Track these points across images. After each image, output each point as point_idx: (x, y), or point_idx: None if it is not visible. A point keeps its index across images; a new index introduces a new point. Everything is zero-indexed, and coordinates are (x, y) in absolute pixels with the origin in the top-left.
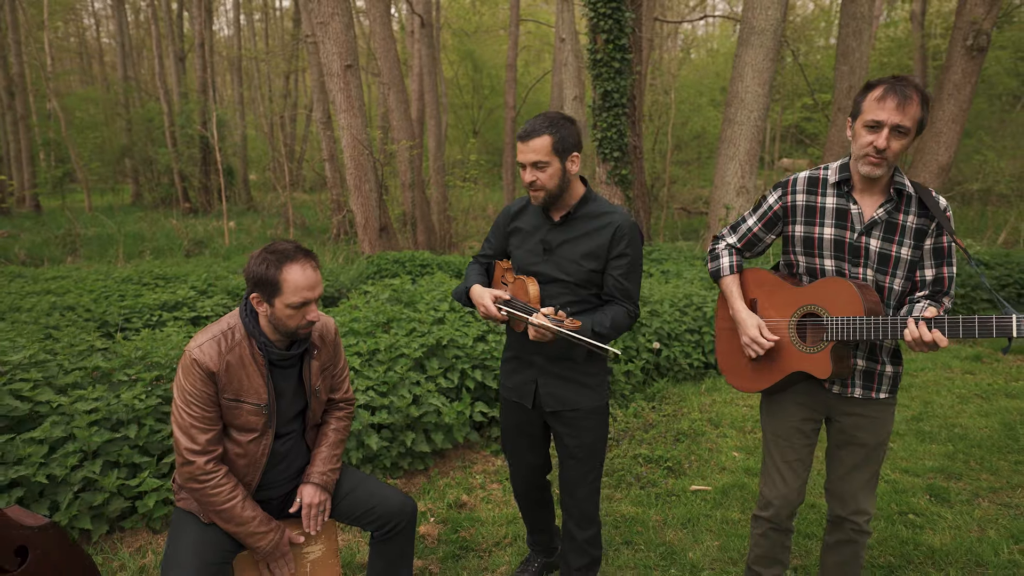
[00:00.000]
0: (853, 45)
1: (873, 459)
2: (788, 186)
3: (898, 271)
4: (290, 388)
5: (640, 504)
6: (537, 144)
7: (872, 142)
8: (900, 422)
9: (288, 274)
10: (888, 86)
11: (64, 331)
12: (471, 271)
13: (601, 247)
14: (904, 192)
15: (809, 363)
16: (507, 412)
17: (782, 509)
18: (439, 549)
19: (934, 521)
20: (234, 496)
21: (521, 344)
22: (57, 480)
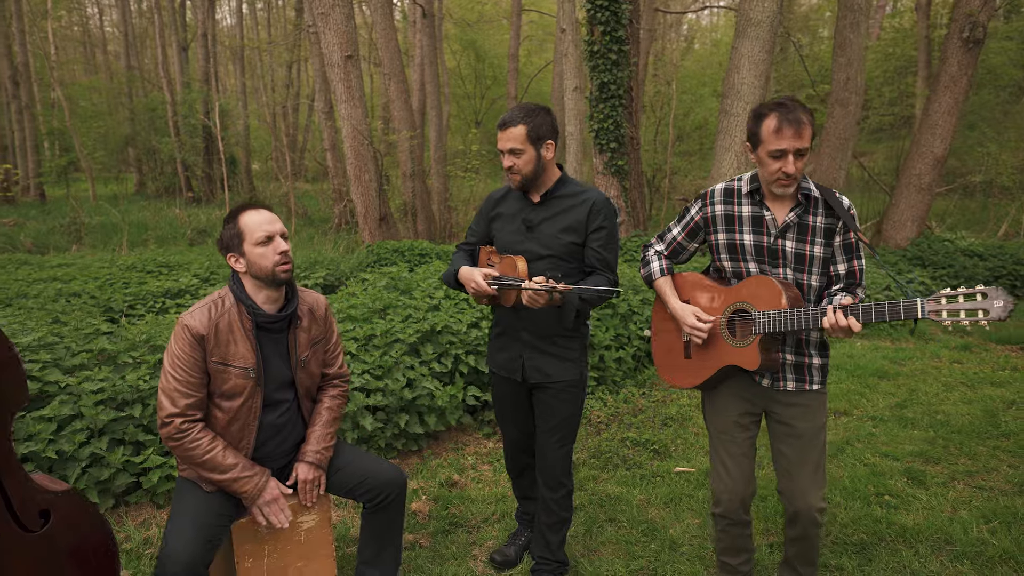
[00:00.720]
0: (851, 37)
1: (813, 448)
2: (707, 198)
3: (814, 268)
4: (278, 355)
5: (625, 484)
6: (513, 133)
7: (780, 168)
8: (884, 408)
9: (244, 219)
10: (780, 116)
11: (71, 315)
12: (457, 257)
13: (579, 222)
14: (811, 196)
15: (739, 356)
16: (498, 385)
17: (732, 503)
18: (430, 525)
19: (909, 502)
20: (213, 447)
21: (509, 321)
22: (65, 456)
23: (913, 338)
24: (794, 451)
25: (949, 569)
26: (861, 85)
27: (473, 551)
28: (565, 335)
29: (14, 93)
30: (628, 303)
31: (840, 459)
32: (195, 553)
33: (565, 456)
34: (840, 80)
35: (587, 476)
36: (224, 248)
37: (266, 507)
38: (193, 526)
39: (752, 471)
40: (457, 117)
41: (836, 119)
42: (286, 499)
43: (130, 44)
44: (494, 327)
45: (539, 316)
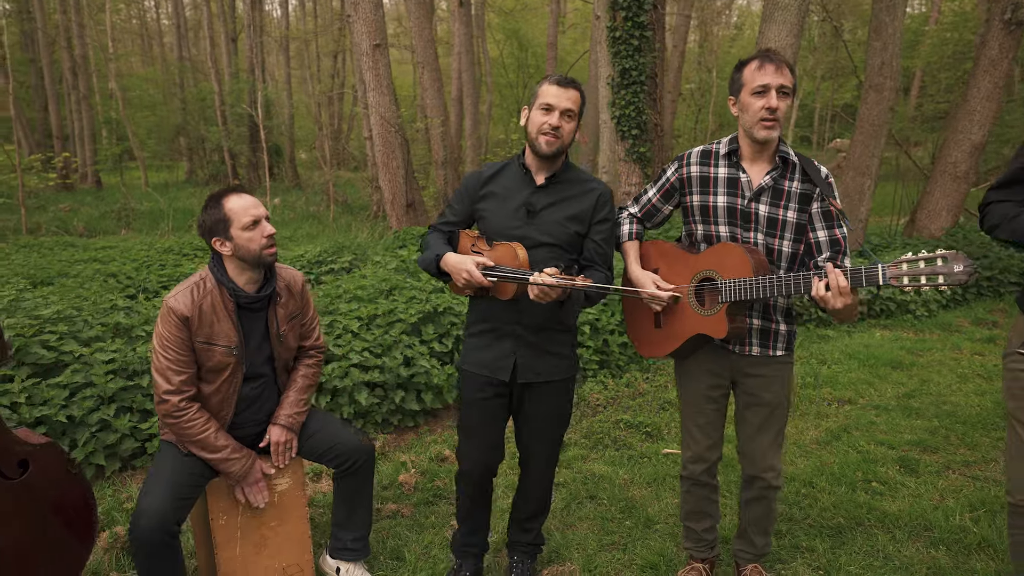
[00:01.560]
0: (886, 20)
1: (776, 418)
2: (684, 159)
3: (786, 233)
4: (258, 332)
5: (612, 464)
6: (574, 94)
7: (764, 104)
8: (892, 398)
9: (229, 204)
10: (762, 57)
11: (91, 291)
12: (434, 240)
13: (586, 211)
14: (789, 160)
15: (706, 325)
16: (473, 389)
17: (697, 465)
18: (414, 496)
19: (896, 489)
20: (207, 428)
21: (500, 315)
22: (76, 421)
23: (938, 329)
24: (758, 418)
25: (923, 554)
26: (897, 70)
27: (451, 521)
28: (560, 329)
29: (73, 84)
30: None
31: (834, 446)
32: (165, 509)
33: (552, 463)
34: (875, 65)
35: (575, 456)
36: (208, 233)
37: (248, 487)
38: (166, 484)
39: (720, 439)
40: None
41: (870, 105)
42: (261, 460)
43: (182, 35)
44: (476, 323)
45: (539, 310)
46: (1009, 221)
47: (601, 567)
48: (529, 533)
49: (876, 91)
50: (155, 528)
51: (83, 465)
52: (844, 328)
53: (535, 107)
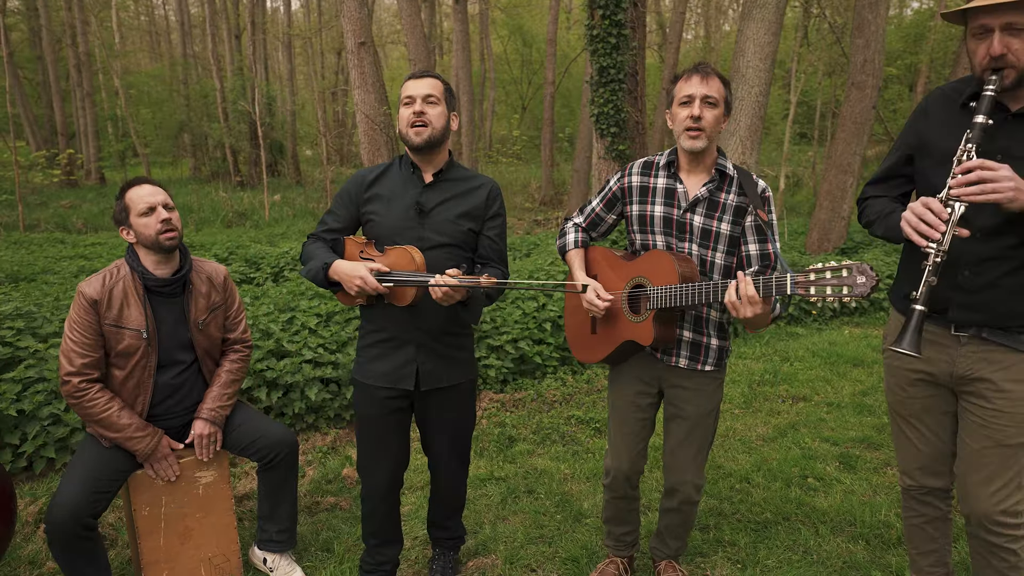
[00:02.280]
0: (869, 18)
1: (698, 432)
2: (626, 170)
3: (719, 245)
4: (171, 318)
5: (556, 459)
6: (431, 81)
7: (688, 114)
8: (847, 395)
9: (129, 193)
10: (691, 69)
11: (54, 288)
12: (317, 249)
13: (477, 207)
14: (726, 174)
15: (635, 331)
16: (373, 403)
17: (617, 478)
18: (355, 489)
19: (830, 486)
20: (109, 407)
21: (397, 322)
22: (27, 414)
23: None
24: (681, 431)
25: (842, 549)
26: (879, 67)
27: None
28: (460, 333)
29: (78, 81)
30: None
31: (778, 443)
32: (80, 502)
33: (464, 464)
34: (857, 62)
35: (521, 451)
36: (116, 223)
37: (156, 463)
38: (82, 478)
39: (643, 451)
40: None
41: (852, 103)
42: (177, 456)
43: (186, 33)
44: (371, 332)
45: (439, 314)
46: (884, 218)
47: (523, 559)
48: (448, 529)
49: (858, 89)
50: (68, 519)
51: (33, 458)
52: (814, 325)
53: (400, 105)
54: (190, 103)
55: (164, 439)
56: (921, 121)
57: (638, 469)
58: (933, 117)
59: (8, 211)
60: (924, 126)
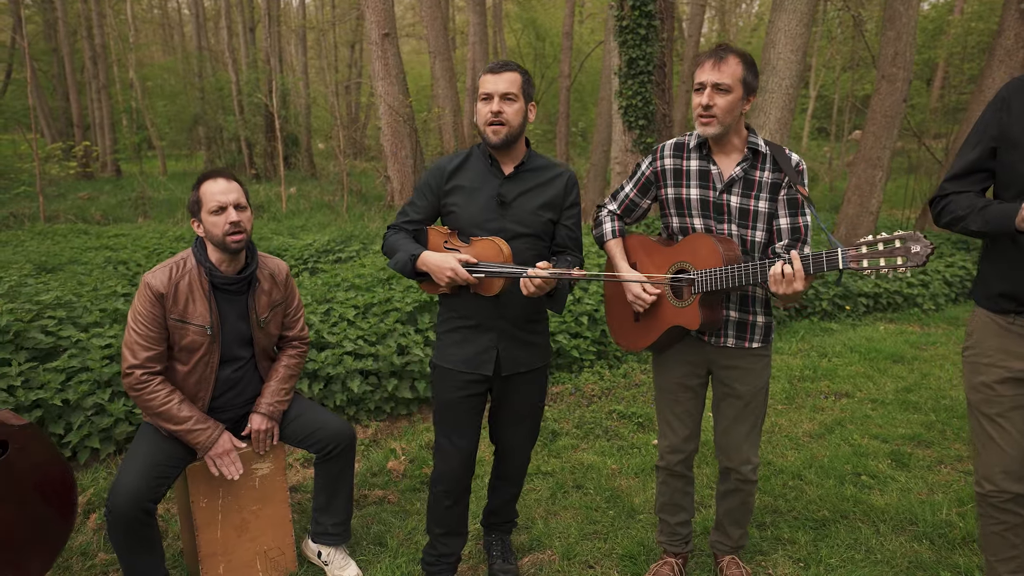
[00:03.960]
0: (900, 9)
1: (751, 410)
2: (657, 153)
3: (758, 223)
4: (234, 314)
5: (602, 454)
6: (509, 76)
7: (699, 102)
8: (890, 392)
9: (204, 187)
10: (707, 54)
11: (92, 278)
12: (400, 240)
13: (557, 197)
14: (759, 151)
15: (681, 316)
16: (453, 387)
17: (673, 456)
18: (402, 482)
19: (885, 483)
20: (170, 400)
21: (480, 311)
22: (71, 404)
23: (945, 323)
24: (733, 410)
25: (906, 548)
26: (910, 60)
27: None
28: (538, 319)
29: (94, 73)
30: None
31: (827, 439)
32: (140, 487)
33: (533, 445)
34: (888, 55)
35: (566, 445)
36: (190, 212)
37: (218, 458)
38: (143, 463)
39: (696, 429)
40: None
41: (882, 95)
42: (239, 452)
43: (200, 25)
44: (454, 318)
45: (523, 303)
46: (979, 212)
47: (581, 555)
48: (503, 514)
49: (889, 82)
50: (129, 505)
51: (78, 448)
52: (848, 321)
53: (478, 100)
54: (205, 96)
55: (226, 434)
56: (1004, 113)
57: (693, 447)
58: (1016, 108)
59: (28, 202)
60: (1007, 118)
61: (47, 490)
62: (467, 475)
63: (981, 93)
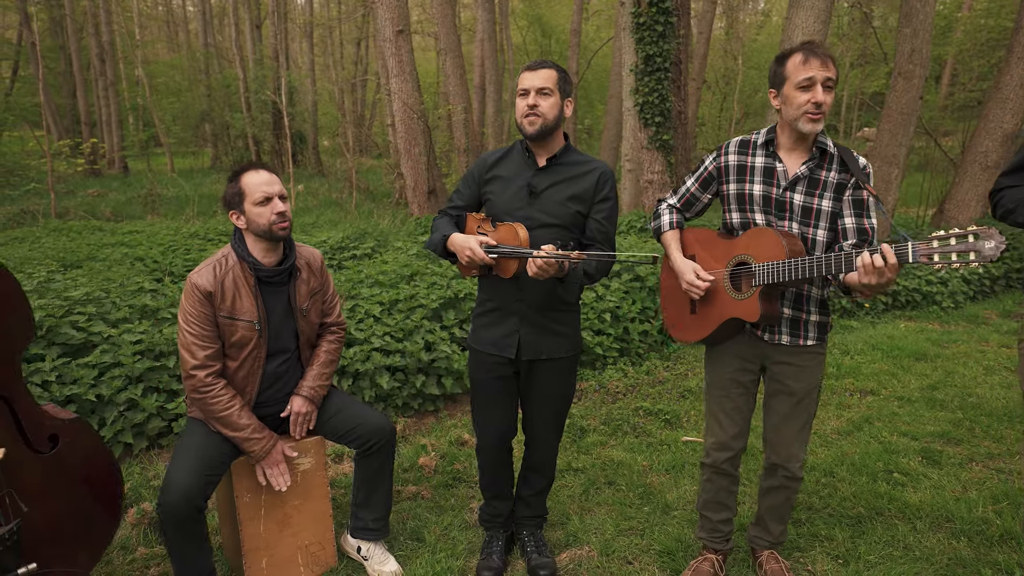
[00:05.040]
0: (917, 6)
1: (803, 408)
2: (722, 149)
3: (820, 222)
4: (280, 306)
5: (631, 451)
6: (545, 73)
7: (810, 99)
8: (915, 389)
9: (245, 179)
10: (806, 50)
11: (119, 274)
12: (441, 223)
13: (587, 191)
14: (827, 151)
15: (740, 308)
16: (483, 367)
17: (721, 454)
18: (434, 478)
19: (918, 481)
20: (231, 405)
21: (504, 293)
22: (104, 400)
23: (964, 321)
24: (785, 407)
25: (944, 545)
26: (926, 57)
27: (471, 504)
28: (563, 308)
29: (101, 70)
30: (656, 276)
31: (856, 436)
32: (192, 484)
33: (558, 436)
34: (904, 51)
35: (594, 442)
36: (227, 205)
37: (268, 468)
38: (194, 460)
39: (746, 427)
40: None
41: (899, 92)
42: (284, 440)
43: (207, 22)
44: (483, 301)
45: (540, 288)
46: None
47: (619, 551)
48: (533, 507)
49: (905, 79)
50: (182, 502)
51: (111, 443)
52: (868, 319)
53: (516, 96)
54: (211, 93)
55: (280, 444)
56: None
57: (741, 446)
58: None
59: (38, 199)
60: None
61: (95, 483)
62: (503, 449)
63: (999, 91)
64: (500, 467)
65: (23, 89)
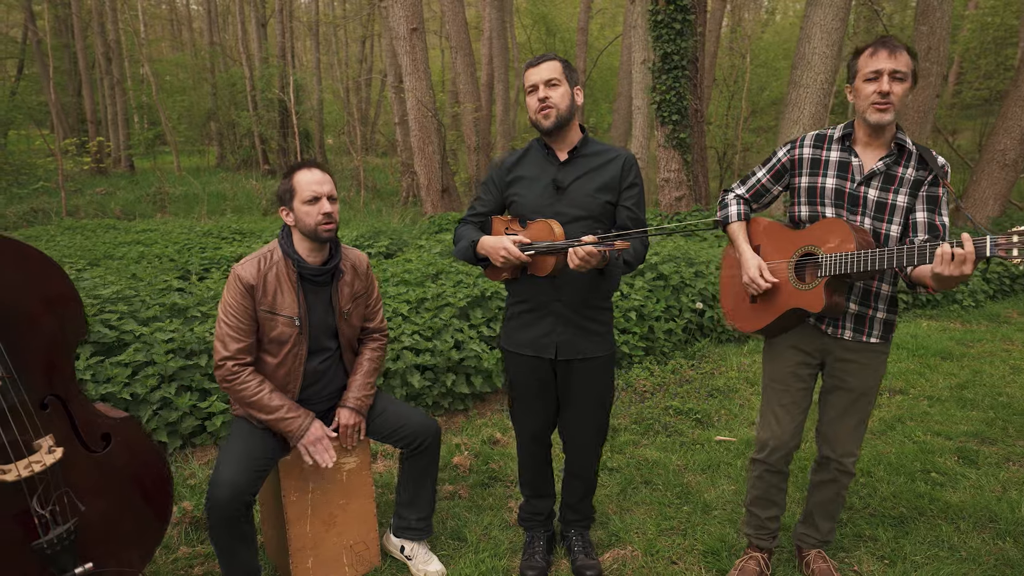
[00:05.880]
0: (934, 4)
1: (861, 405)
2: (797, 141)
3: (895, 217)
4: (321, 305)
5: (664, 450)
6: (549, 65)
7: (875, 89)
8: (944, 389)
9: (298, 177)
10: (877, 43)
11: (146, 272)
12: (465, 231)
13: (613, 179)
14: (905, 148)
15: (804, 299)
16: (521, 369)
17: (776, 451)
18: (470, 477)
19: (956, 480)
20: (261, 389)
21: (539, 293)
22: (139, 398)
23: (986, 320)
24: (843, 403)
25: (990, 546)
26: (944, 55)
27: (508, 503)
28: (599, 306)
29: (107, 69)
30: (680, 275)
31: (889, 436)
32: (240, 480)
33: (601, 435)
34: (921, 50)
35: (627, 441)
36: (278, 201)
37: (311, 446)
38: (241, 456)
39: (802, 423)
40: None
41: (915, 91)
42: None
43: (212, 20)
44: (515, 304)
45: (577, 285)
46: None
47: (662, 551)
48: (580, 511)
49: (922, 77)
50: (231, 498)
51: None
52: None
53: (526, 95)
54: (217, 91)
55: (317, 422)
56: None
57: (796, 443)
58: None
59: (47, 198)
60: None
61: (146, 482)
62: (542, 448)
63: (1017, 89)
64: (540, 465)
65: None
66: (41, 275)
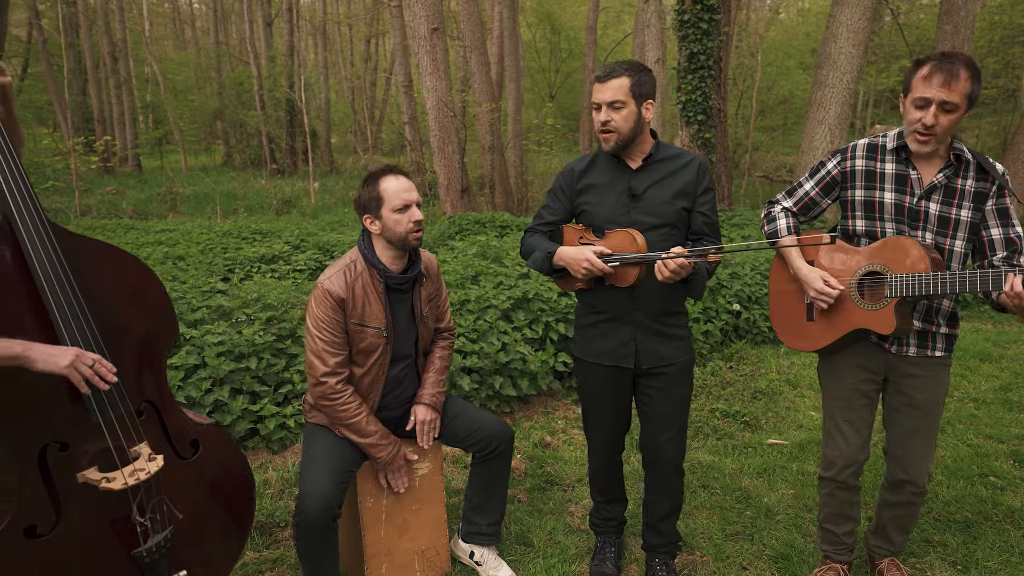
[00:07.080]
0: (959, 3)
1: (930, 421)
2: (847, 152)
3: (959, 233)
4: (404, 313)
5: (717, 453)
6: (615, 83)
7: (920, 119)
8: (988, 391)
9: (385, 184)
10: (935, 64)
11: (189, 274)
12: (537, 241)
13: (689, 184)
14: (963, 158)
15: (872, 320)
16: (597, 379)
17: (845, 468)
18: (526, 481)
19: (1016, 484)
20: (360, 412)
21: (618, 303)
22: (193, 401)
23: (1016, 320)
24: (911, 420)
25: None
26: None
27: (569, 507)
28: (676, 312)
29: (113, 68)
30: (717, 277)
31: (941, 439)
32: (330, 491)
33: (682, 443)
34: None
35: None
36: (361, 209)
37: (391, 473)
38: (328, 468)
39: (869, 437)
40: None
41: None
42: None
43: (218, 20)
44: (591, 313)
45: (655, 294)
46: None
47: (732, 557)
48: (664, 534)
49: None
50: (321, 511)
51: None
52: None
53: (592, 109)
54: (223, 90)
55: (403, 450)
56: None
57: (865, 457)
58: None
59: (59, 198)
60: None
61: (231, 490)
62: (614, 454)
63: None
64: (612, 470)
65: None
66: (138, 281)
